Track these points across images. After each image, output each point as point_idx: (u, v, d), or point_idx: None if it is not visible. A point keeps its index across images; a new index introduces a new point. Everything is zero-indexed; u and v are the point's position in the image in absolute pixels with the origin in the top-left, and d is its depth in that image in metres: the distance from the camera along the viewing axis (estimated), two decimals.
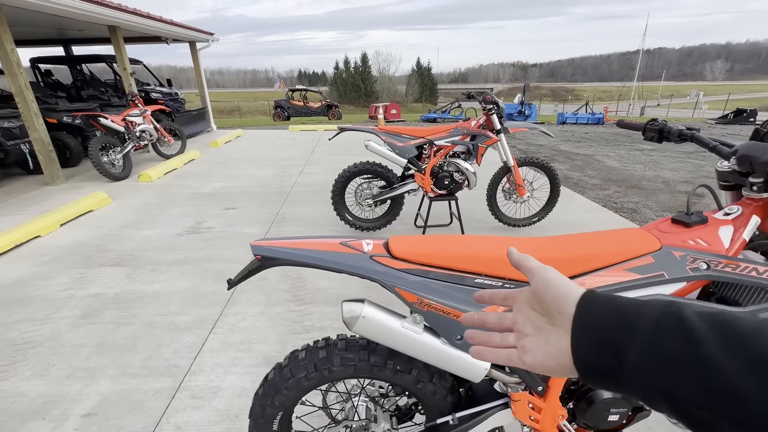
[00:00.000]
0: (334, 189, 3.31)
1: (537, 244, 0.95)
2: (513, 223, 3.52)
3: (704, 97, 34.65)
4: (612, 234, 0.97)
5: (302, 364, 1.02)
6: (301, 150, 7.66)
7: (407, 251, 0.90)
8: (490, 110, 3.08)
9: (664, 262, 0.88)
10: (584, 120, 15.03)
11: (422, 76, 54.18)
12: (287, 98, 19.37)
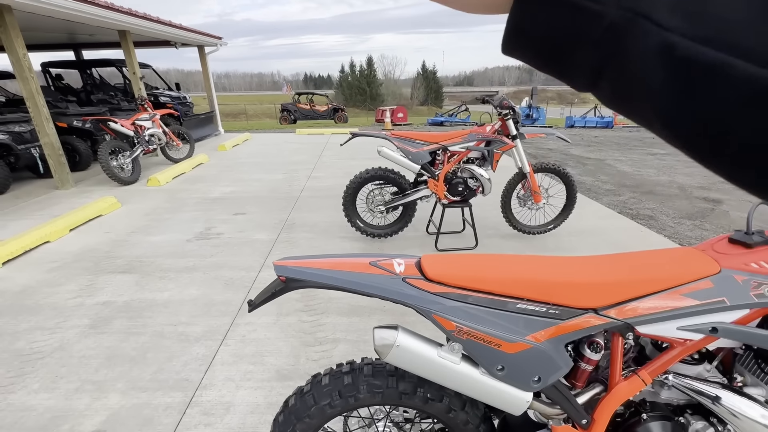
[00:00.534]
0: (345, 195, 3.25)
1: (585, 264, 0.88)
2: (528, 230, 3.44)
3: None
4: (666, 255, 0.89)
5: (326, 390, 0.96)
6: (308, 154, 7.63)
7: (443, 273, 0.83)
8: (506, 115, 3.00)
9: (724, 286, 0.81)
10: (593, 123, 14.87)
11: (427, 79, 54.29)
12: (294, 102, 19.41)
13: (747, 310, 0.80)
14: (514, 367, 0.81)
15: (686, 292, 0.82)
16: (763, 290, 0.79)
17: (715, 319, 0.81)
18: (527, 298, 0.82)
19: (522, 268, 0.85)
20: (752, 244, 0.85)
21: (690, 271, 0.83)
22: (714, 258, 0.86)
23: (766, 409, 0.86)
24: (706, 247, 0.90)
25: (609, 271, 0.85)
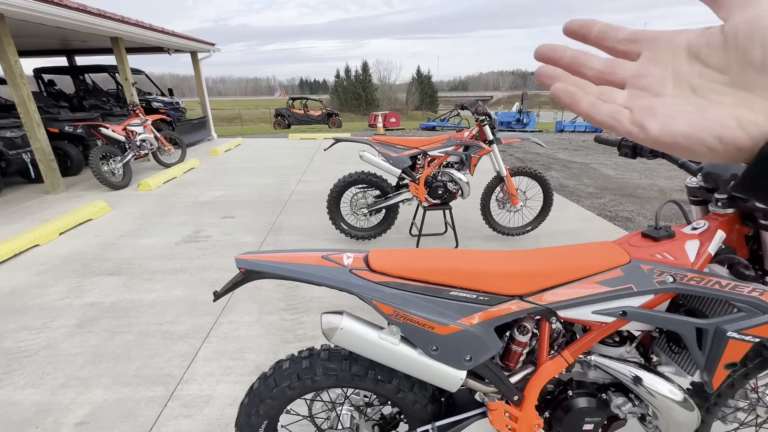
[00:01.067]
0: (329, 198, 3.35)
1: (513, 257, 0.99)
2: (507, 232, 3.55)
3: None
4: (586, 248, 1.00)
5: (286, 373, 1.06)
6: (300, 158, 7.73)
7: (385, 265, 0.94)
8: (483, 121, 3.13)
9: (632, 275, 0.92)
10: (582, 128, 15.13)
11: (422, 84, 54.70)
12: (288, 107, 19.54)
13: (652, 295, 0.91)
14: (446, 348, 0.91)
15: (600, 280, 0.92)
16: (664, 278, 0.90)
17: (624, 304, 0.92)
18: (460, 287, 0.93)
19: (456, 260, 0.96)
20: (659, 238, 0.95)
21: (604, 261, 0.94)
22: (626, 250, 0.97)
23: (674, 386, 0.97)
24: (622, 241, 1.01)
25: (534, 262, 0.96)
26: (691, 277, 0.88)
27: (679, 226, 1.01)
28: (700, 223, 0.97)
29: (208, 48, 9.67)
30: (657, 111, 0.26)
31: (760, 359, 1.10)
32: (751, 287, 0.86)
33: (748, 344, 0.88)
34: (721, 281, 0.87)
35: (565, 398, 1.03)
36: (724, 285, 0.87)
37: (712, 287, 0.87)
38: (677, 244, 0.94)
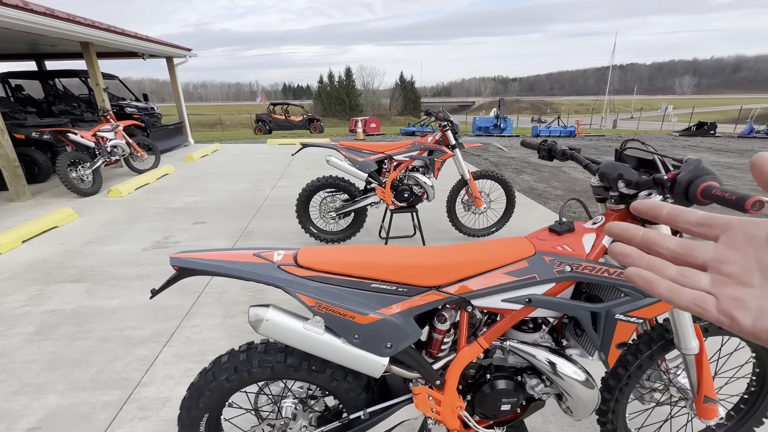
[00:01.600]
0: (298, 203, 3.40)
1: (433, 252, 1.07)
2: (472, 233, 3.67)
3: (674, 110, 36.35)
4: (498, 242, 1.10)
5: (224, 367, 1.11)
6: (277, 164, 7.74)
7: (312, 260, 1.01)
8: (445, 126, 3.25)
9: (536, 266, 1.01)
10: (557, 133, 15.60)
11: (405, 89, 55.28)
12: (268, 112, 19.47)
13: (553, 283, 1.01)
14: (367, 336, 0.98)
15: (508, 271, 1.02)
16: (563, 267, 1.00)
17: (529, 292, 1.01)
18: (381, 279, 1.00)
19: (378, 256, 1.04)
20: (561, 232, 1.06)
21: (513, 254, 1.04)
22: (534, 244, 1.06)
23: (577, 367, 1.07)
24: (532, 236, 1.11)
25: (450, 256, 1.04)
26: (585, 266, 0.99)
27: (581, 222, 1.12)
28: (599, 218, 1.08)
29: (184, 53, 9.60)
30: (747, 303, 0.25)
31: (663, 341, 1.21)
32: None
33: (634, 325, 0.99)
34: (609, 269, 0.97)
35: (485, 381, 1.12)
36: (612, 272, 0.97)
37: (602, 275, 0.97)
38: (576, 238, 1.04)
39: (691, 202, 0.81)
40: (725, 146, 13.26)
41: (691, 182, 0.80)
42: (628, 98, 76.46)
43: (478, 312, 1.11)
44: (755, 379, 1.37)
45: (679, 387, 1.29)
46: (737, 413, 1.42)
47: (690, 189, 0.80)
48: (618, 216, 1.06)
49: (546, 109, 64.18)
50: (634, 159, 1.09)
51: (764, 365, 1.33)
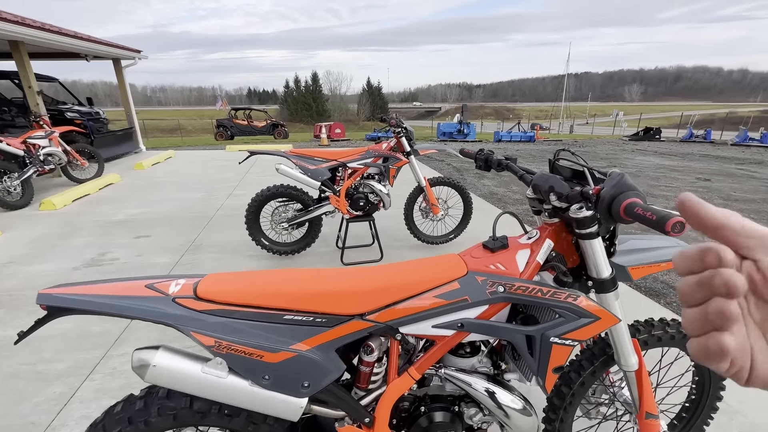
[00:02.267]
0: (247, 214, 3.21)
1: (355, 275, 0.97)
2: (431, 240, 3.62)
3: (624, 116, 38.71)
4: (428, 262, 1.01)
5: (117, 418, 0.94)
6: (234, 171, 7.42)
7: (214, 291, 0.87)
8: (399, 133, 3.18)
9: (468, 287, 0.93)
10: (518, 138, 16.13)
11: (373, 95, 55.60)
12: (230, 117, 18.83)
13: (486, 305, 0.93)
14: (280, 376, 0.86)
15: (438, 293, 0.93)
16: (496, 287, 0.92)
17: (461, 316, 0.93)
18: (295, 309, 0.88)
19: (292, 282, 0.92)
20: (494, 249, 0.99)
21: (443, 274, 0.95)
22: (466, 262, 0.99)
23: (515, 394, 1.00)
24: (466, 253, 1.04)
25: (373, 279, 0.94)
26: (519, 286, 0.92)
27: (516, 236, 1.06)
28: (533, 232, 1.02)
29: (133, 55, 9.06)
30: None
31: (604, 356, 1.17)
32: (567, 293, 0.91)
33: (570, 348, 0.93)
34: (543, 289, 0.91)
35: (420, 414, 1.02)
36: (546, 292, 0.91)
37: (536, 295, 0.91)
38: (510, 255, 0.97)
39: (614, 220, 0.76)
40: (669, 150, 14.22)
41: (614, 198, 0.74)
42: (583, 105, 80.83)
43: (411, 339, 1.01)
44: (695, 387, 1.36)
45: (624, 400, 1.26)
46: (680, 422, 1.41)
47: (613, 206, 0.74)
48: (553, 230, 1.00)
49: (509, 115, 66.55)
50: (569, 170, 1.05)
51: (703, 374, 1.32)
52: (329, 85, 57.49)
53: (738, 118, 33.75)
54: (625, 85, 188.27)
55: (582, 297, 0.91)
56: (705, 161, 11.09)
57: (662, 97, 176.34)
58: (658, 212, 0.63)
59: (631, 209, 0.70)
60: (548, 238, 0.99)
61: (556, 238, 1.00)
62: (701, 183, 7.56)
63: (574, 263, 1.03)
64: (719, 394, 1.33)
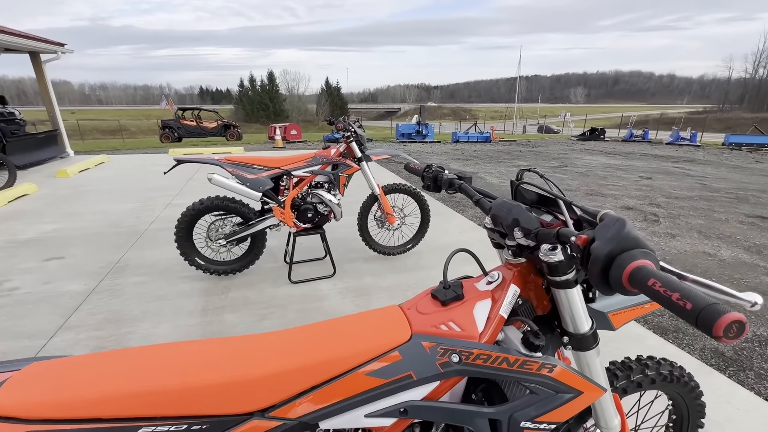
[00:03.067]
0: (177, 231, 2.81)
1: (257, 348, 0.69)
2: (388, 251, 3.39)
3: (571, 117, 40.98)
4: (360, 321, 0.76)
5: None
6: (177, 177, 6.78)
7: (24, 402, 0.56)
8: (349, 138, 2.92)
9: (412, 358, 0.69)
10: (474, 138, 16.41)
11: (332, 95, 54.97)
12: (176, 117, 17.57)
13: (436, 382, 0.69)
14: None
15: (372, 371, 0.68)
16: (449, 357, 0.69)
17: (404, 399, 0.68)
18: (160, 416, 0.60)
19: (154, 371, 0.63)
20: (446, 301, 0.76)
21: (378, 342, 0.70)
22: (411, 320, 0.75)
23: None
24: (411, 305, 0.80)
25: (277, 356, 0.68)
26: (479, 355, 0.69)
27: (474, 279, 0.83)
28: (494, 275, 0.80)
29: (55, 49, 8.07)
30: None
31: (581, 418, 0.97)
32: (540, 363, 0.69)
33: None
34: (509, 357, 0.69)
35: None
36: (513, 362, 0.69)
37: (500, 366, 0.68)
38: (466, 309, 0.75)
39: (611, 288, 0.54)
40: (613, 149, 15.08)
41: (612, 259, 0.52)
42: (534, 106, 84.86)
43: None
44: (672, 426, 1.22)
45: None
46: None
47: (612, 270, 0.52)
48: (519, 272, 0.78)
49: (466, 116, 68.38)
50: (534, 194, 0.84)
51: (680, 411, 1.18)
52: (287, 85, 56.05)
53: (669, 119, 36.82)
54: (570, 88, 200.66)
55: (560, 367, 0.70)
56: (645, 160, 11.81)
57: (604, 99, 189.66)
58: (696, 296, 0.42)
59: (643, 280, 0.48)
60: (513, 283, 0.77)
61: (522, 282, 0.78)
62: (644, 181, 7.97)
63: (545, 310, 0.82)
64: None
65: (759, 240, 4.32)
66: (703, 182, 7.97)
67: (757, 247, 4.09)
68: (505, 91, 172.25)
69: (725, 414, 1.78)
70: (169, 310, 2.61)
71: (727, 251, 3.98)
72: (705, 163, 11.30)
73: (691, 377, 1.09)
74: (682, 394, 1.11)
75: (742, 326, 0.40)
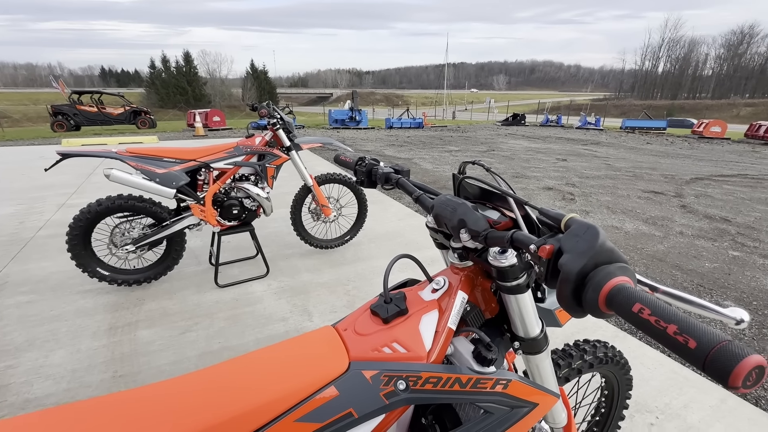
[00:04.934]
0: (70, 238, 2.36)
1: (166, 397, 0.53)
2: (325, 245, 3.23)
3: (495, 103, 43.56)
4: (288, 350, 0.63)
5: None
6: (73, 173, 5.84)
7: None
8: (275, 125, 2.68)
9: (351, 391, 0.58)
10: (408, 124, 16.61)
11: (259, 79, 51.88)
12: (71, 102, 15.15)
13: (381, 415, 0.59)
14: None
15: (302, 415, 0.55)
16: (394, 385, 0.59)
17: None
18: None
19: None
20: (388, 318, 0.66)
21: (310, 377, 0.58)
22: (347, 344, 0.63)
23: None
24: (348, 325, 0.68)
25: (190, 406, 0.52)
26: (427, 378, 0.60)
27: (418, 286, 0.74)
28: (440, 281, 0.72)
29: None
30: None
31: None
32: (494, 379, 0.63)
33: None
34: (461, 377, 0.61)
35: None
36: (465, 382, 0.61)
37: (452, 388, 0.60)
38: (411, 325, 0.65)
39: (583, 311, 0.47)
40: (533, 134, 16.32)
41: (584, 276, 0.44)
42: (461, 93, 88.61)
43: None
44: (604, 401, 1.28)
45: None
46: None
47: (586, 290, 0.43)
48: (466, 277, 0.71)
49: (398, 102, 69.20)
50: (477, 188, 0.76)
51: (612, 386, 1.24)
52: (206, 67, 51.62)
53: (578, 106, 40.91)
54: (494, 75, 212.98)
55: (514, 381, 0.64)
56: (560, 143, 12.95)
57: (522, 87, 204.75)
58: (698, 329, 0.34)
59: (625, 305, 0.40)
60: (461, 290, 0.69)
61: (470, 287, 0.71)
62: (561, 163, 8.71)
63: (493, 312, 0.76)
64: (626, 404, 1.27)
65: (653, 212, 4.94)
66: (608, 162, 8.95)
67: (653, 219, 4.67)
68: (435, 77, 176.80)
69: (638, 373, 1.97)
70: (66, 333, 2.20)
71: (630, 224, 4.49)
72: (608, 145, 12.72)
73: (622, 355, 1.14)
74: (614, 371, 1.16)
75: (762, 372, 0.33)
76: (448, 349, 0.67)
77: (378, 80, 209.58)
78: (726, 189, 6.40)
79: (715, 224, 4.51)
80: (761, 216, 4.88)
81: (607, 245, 0.44)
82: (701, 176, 7.52)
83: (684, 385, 1.90)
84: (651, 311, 0.37)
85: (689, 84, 76.14)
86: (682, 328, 0.35)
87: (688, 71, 77.00)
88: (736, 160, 10.18)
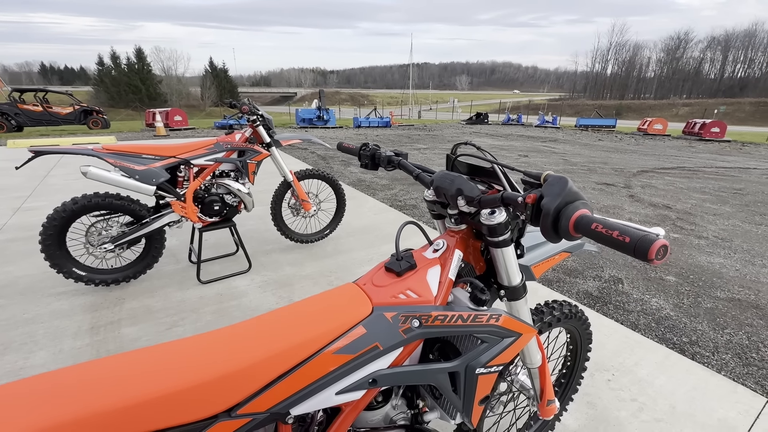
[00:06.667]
0: (44, 237, 2.30)
1: (212, 345, 0.63)
2: (305, 239, 3.31)
3: (458, 103, 44.75)
4: (319, 303, 0.75)
5: None
6: (26, 175, 5.50)
7: None
8: (255, 122, 2.73)
9: (376, 329, 0.71)
10: (375, 123, 16.79)
11: (219, 77, 50.19)
12: (11, 101, 14.01)
13: (401, 348, 0.73)
14: None
15: (338, 348, 0.68)
16: (410, 323, 0.73)
17: (372, 370, 0.70)
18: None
19: (91, 394, 0.53)
20: (401, 271, 0.79)
21: (342, 320, 0.70)
22: (369, 294, 0.76)
23: None
24: (367, 280, 0.82)
25: (236, 353, 0.63)
26: (436, 316, 0.74)
27: (421, 248, 0.88)
28: (439, 243, 0.86)
29: None
30: None
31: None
32: (488, 314, 0.78)
33: (494, 374, 0.81)
34: (463, 314, 0.76)
35: None
36: (466, 318, 0.76)
37: (456, 323, 0.75)
38: (420, 276, 0.79)
39: (559, 236, 0.63)
40: (496, 132, 17.01)
41: (559, 211, 0.62)
42: (426, 92, 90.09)
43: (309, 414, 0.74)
44: (569, 355, 1.49)
45: (522, 387, 1.26)
46: (560, 388, 1.53)
47: (561, 220, 0.61)
48: (461, 238, 0.86)
49: (364, 101, 69.27)
50: (466, 165, 0.91)
51: (576, 341, 1.45)
52: (161, 65, 49.13)
53: (536, 105, 42.85)
54: (456, 76, 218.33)
55: (504, 315, 0.80)
56: (521, 140, 13.62)
57: (484, 87, 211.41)
58: (630, 231, 0.53)
59: (586, 225, 0.57)
60: (457, 248, 0.84)
61: (464, 246, 0.86)
62: (523, 159, 9.20)
63: (481, 270, 0.91)
64: (587, 356, 1.48)
65: (606, 202, 5.40)
66: (565, 158, 9.56)
67: (606, 208, 5.11)
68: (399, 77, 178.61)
69: (596, 339, 2.22)
70: (44, 334, 2.15)
71: None
72: (564, 142, 13.53)
73: (583, 312, 1.34)
74: (577, 326, 1.36)
75: (666, 249, 0.51)
76: (449, 297, 0.81)
77: (343, 79, 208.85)
78: (667, 180, 7.07)
79: (659, 211, 5.01)
80: (696, 203, 5.47)
81: (573, 189, 0.61)
82: (646, 169, 8.23)
83: (635, 347, 2.18)
84: (602, 226, 0.54)
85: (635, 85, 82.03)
86: (621, 232, 0.53)
87: (633, 73, 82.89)
88: (676, 154, 11.19)
